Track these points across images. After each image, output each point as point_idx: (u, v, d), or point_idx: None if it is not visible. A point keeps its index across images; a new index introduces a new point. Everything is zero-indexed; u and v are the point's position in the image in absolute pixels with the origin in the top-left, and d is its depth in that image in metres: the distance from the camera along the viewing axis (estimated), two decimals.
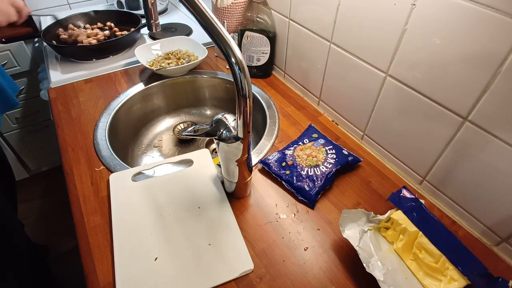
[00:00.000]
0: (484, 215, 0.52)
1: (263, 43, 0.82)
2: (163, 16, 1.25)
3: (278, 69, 0.91)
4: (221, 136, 0.48)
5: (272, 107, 0.79)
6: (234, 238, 0.52)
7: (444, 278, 0.45)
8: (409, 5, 0.50)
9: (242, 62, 0.39)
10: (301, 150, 0.63)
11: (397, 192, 0.52)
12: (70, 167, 0.63)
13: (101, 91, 0.83)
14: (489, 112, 0.45)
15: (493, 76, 0.43)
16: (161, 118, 0.92)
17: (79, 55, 0.93)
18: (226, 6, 0.90)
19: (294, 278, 0.47)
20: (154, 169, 0.63)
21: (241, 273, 0.47)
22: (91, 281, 0.46)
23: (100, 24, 1.08)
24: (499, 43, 0.41)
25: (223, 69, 0.93)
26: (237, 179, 0.54)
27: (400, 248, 0.49)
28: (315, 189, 0.57)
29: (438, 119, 0.52)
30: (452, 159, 0.53)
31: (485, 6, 0.41)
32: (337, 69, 0.69)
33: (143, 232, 0.52)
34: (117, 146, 0.71)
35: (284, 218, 0.55)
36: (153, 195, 0.57)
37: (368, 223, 0.50)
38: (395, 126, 0.61)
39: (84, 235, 0.52)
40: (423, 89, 0.53)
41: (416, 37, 0.51)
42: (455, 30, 0.45)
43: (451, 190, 0.55)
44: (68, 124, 0.73)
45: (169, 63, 0.87)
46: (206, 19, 0.37)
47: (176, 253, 0.49)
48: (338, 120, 0.75)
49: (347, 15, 0.61)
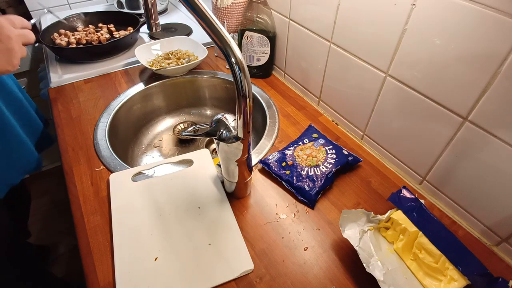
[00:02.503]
0: (484, 215, 0.52)
1: (263, 43, 0.82)
2: (163, 16, 1.25)
3: (278, 69, 0.91)
4: (221, 136, 0.48)
5: (272, 107, 0.79)
6: (234, 238, 0.52)
7: (444, 278, 0.45)
8: (409, 5, 0.50)
9: (242, 62, 0.39)
10: (301, 150, 0.63)
11: (397, 192, 0.52)
12: (70, 167, 0.63)
13: (101, 91, 0.83)
14: (489, 112, 0.45)
15: (493, 76, 0.43)
16: (161, 118, 0.92)
17: (79, 57, 0.93)
18: (226, 6, 0.90)
19: (294, 278, 0.47)
20: (154, 169, 0.63)
21: (241, 273, 0.47)
22: (91, 281, 0.46)
23: (100, 25, 1.08)
24: (499, 43, 0.41)
25: (223, 69, 0.93)
26: (237, 179, 0.54)
27: (400, 248, 0.49)
28: (315, 189, 0.57)
29: (438, 119, 0.52)
30: (452, 159, 0.53)
31: (485, 6, 0.41)
32: (337, 69, 0.69)
33: (143, 232, 0.52)
34: (117, 146, 0.71)
35: (284, 218, 0.55)
36: (153, 195, 0.57)
37: (368, 223, 0.50)
38: (395, 126, 0.61)
39: (84, 235, 0.52)
40: (423, 89, 0.53)
41: (416, 37, 0.51)
42: (455, 30, 0.45)
43: (451, 190, 0.55)
44: (68, 124, 0.73)
45: (169, 63, 0.87)
46: (206, 19, 0.37)
47: (176, 253, 0.49)
48: (338, 120, 0.75)
49: (347, 15, 0.61)
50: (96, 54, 0.93)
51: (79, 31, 1.03)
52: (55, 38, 0.96)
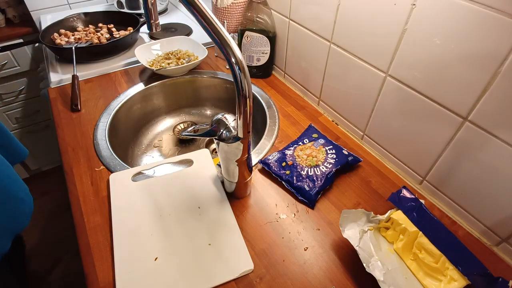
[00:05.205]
0: (484, 215, 0.52)
1: (263, 43, 0.82)
2: (163, 16, 1.25)
3: (278, 69, 0.91)
4: (221, 136, 0.48)
5: (272, 107, 0.79)
6: (234, 238, 0.52)
7: (444, 278, 0.45)
8: (409, 5, 0.50)
9: (242, 62, 0.39)
10: (301, 150, 0.63)
11: (397, 192, 0.52)
12: (70, 167, 0.63)
13: (101, 91, 0.83)
14: (489, 112, 0.45)
15: (493, 76, 0.43)
16: (161, 118, 0.92)
17: (79, 57, 0.93)
18: (226, 6, 0.90)
19: (294, 278, 0.47)
20: (154, 169, 0.63)
21: (241, 273, 0.47)
22: (91, 281, 0.46)
23: (100, 25, 1.08)
24: (499, 43, 0.41)
25: (223, 69, 0.93)
26: (237, 179, 0.54)
27: (400, 248, 0.49)
28: (315, 189, 0.57)
29: (438, 119, 0.52)
30: (452, 159, 0.53)
31: (485, 6, 0.41)
32: (337, 69, 0.69)
33: (143, 232, 0.52)
34: (117, 146, 0.71)
35: (284, 218, 0.55)
36: (153, 195, 0.57)
37: (368, 223, 0.50)
38: (395, 126, 0.61)
39: (84, 235, 0.52)
40: (423, 89, 0.53)
41: (416, 37, 0.51)
42: (455, 30, 0.45)
43: (451, 190, 0.55)
44: (68, 124, 0.73)
45: (169, 63, 0.87)
46: (206, 19, 0.37)
47: (176, 253, 0.49)
48: (338, 120, 0.75)
49: (347, 15, 0.61)
50: (96, 54, 0.93)
51: (79, 31, 1.03)
52: (55, 38, 0.96)
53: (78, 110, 0.77)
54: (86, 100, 0.80)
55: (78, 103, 0.77)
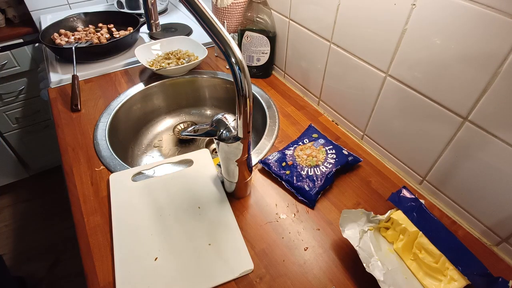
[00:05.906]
0: (484, 215, 0.52)
1: (263, 43, 0.82)
2: (163, 16, 1.25)
3: (278, 69, 0.91)
4: (221, 136, 0.48)
5: (272, 107, 0.79)
6: (234, 238, 0.52)
7: (444, 278, 0.45)
8: (409, 5, 0.50)
9: (242, 62, 0.39)
10: (301, 150, 0.63)
11: (397, 192, 0.52)
12: (70, 167, 0.63)
13: (101, 91, 0.83)
14: (489, 112, 0.45)
15: (493, 76, 0.43)
16: (161, 118, 0.92)
17: (79, 57, 0.93)
18: (226, 6, 0.90)
19: (294, 278, 0.47)
20: (154, 169, 0.63)
21: (241, 273, 0.47)
22: (91, 281, 0.46)
23: (100, 25, 1.08)
24: (499, 43, 0.41)
25: (223, 69, 0.93)
26: (237, 179, 0.54)
27: (400, 248, 0.49)
28: (315, 189, 0.57)
29: (438, 119, 0.52)
30: (452, 159, 0.53)
31: (485, 6, 0.41)
32: (337, 69, 0.69)
33: (143, 232, 0.52)
34: (117, 146, 0.71)
35: (284, 218, 0.55)
36: (153, 195, 0.57)
37: (368, 223, 0.50)
38: (395, 126, 0.61)
39: (84, 235, 0.52)
40: (423, 89, 0.53)
41: (416, 37, 0.51)
42: (455, 30, 0.45)
43: (451, 190, 0.55)
44: (68, 124, 0.73)
45: (169, 63, 0.87)
46: (206, 19, 0.37)
47: (176, 253, 0.49)
48: (338, 120, 0.75)
49: (347, 15, 0.61)
50: (96, 54, 0.93)
51: (79, 31, 1.03)
52: (55, 38, 0.96)
53: (78, 110, 0.77)
54: (86, 100, 0.80)
55: (78, 103, 0.77)
